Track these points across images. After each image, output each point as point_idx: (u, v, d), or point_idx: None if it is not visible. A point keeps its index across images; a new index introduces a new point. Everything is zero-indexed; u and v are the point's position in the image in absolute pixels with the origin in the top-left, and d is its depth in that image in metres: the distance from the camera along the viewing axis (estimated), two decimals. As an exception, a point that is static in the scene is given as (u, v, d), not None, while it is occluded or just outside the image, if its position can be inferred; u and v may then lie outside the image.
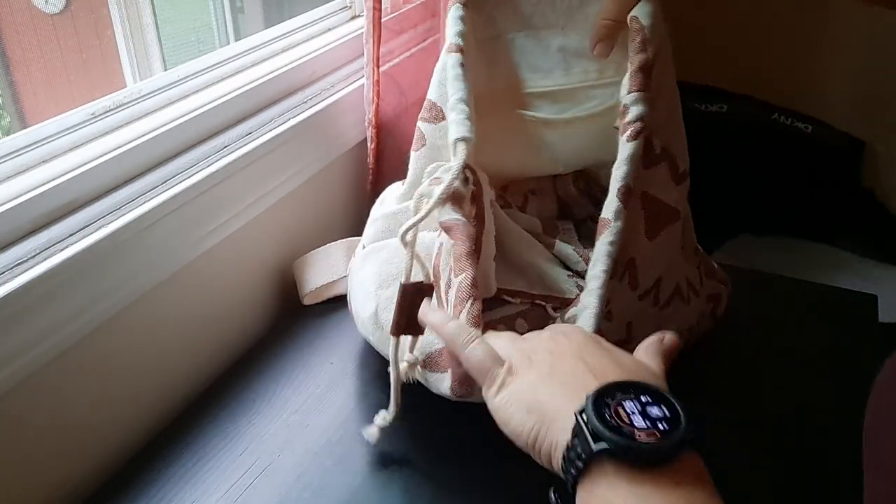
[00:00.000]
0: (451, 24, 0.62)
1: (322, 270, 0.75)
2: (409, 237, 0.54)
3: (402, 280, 0.54)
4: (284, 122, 0.74)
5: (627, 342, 0.59)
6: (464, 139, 0.55)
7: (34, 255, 0.52)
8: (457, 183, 0.53)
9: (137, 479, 0.57)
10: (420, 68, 0.87)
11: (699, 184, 0.67)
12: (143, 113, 0.67)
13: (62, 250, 0.53)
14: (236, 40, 0.81)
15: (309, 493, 0.55)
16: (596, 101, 0.67)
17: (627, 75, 0.56)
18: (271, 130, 0.72)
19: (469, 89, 0.58)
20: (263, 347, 0.71)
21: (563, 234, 0.71)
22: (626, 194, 0.52)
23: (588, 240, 0.68)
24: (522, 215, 0.72)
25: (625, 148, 0.53)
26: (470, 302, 0.50)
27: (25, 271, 0.51)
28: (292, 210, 0.78)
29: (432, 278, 0.56)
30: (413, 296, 0.53)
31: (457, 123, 0.56)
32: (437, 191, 0.53)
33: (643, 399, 0.37)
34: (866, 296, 0.77)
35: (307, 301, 0.76)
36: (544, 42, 0.68)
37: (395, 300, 0.53)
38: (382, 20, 0.79)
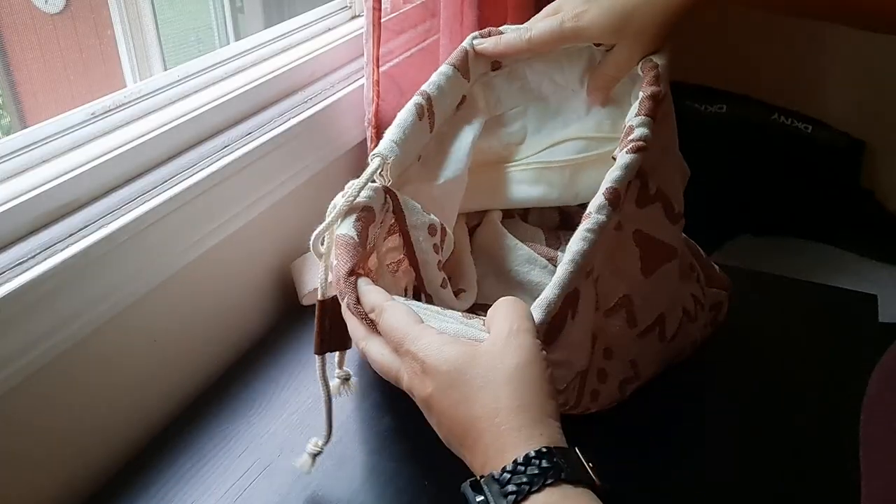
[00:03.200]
0: (434, 76, 0.62)
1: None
2: (322, 248, 0.51)
3: (319, 296, 0.50)
4: (284, 122, 0.74)
5: (635, 379, 0.59)
6: (380, 155, 0.54)
7: (34, 255, 0.52)
8: (363, 195, 0.51)
9: (137, 479, 0.57)
10: (420, 68, 0.86)
11: (699, 184, 0.67)
12: (143, 113, 0.67)
13: (62, 250, 0.53)
14: (236, 40, 0.81)
15: (309, 493, 0.55)
16: (608, 148, 0.67)
17: (637, 102, 0.56)
18: (271, 130, 0.72)
19: (414, 125, 0.57)
20: (263, 347, 0.71)
21: (566, 245, 0.71)
22: (614, 196, 0.51)
23: None
24: (524, 225, 0.71)
25: (623, 157, 0.52)
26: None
27: (25, 271, 0.51)
28: (292, 210, 0.78)
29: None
30: (333, 308, 0.50)
31: (385, 142, 0.55)
32: (341, 200, 0.51)
33: None
34: (866, 296, 0.77)
35: (306, 301, 0.75)
36: (556, 104, 0.68)
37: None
38: (382, 20, 0.79)
